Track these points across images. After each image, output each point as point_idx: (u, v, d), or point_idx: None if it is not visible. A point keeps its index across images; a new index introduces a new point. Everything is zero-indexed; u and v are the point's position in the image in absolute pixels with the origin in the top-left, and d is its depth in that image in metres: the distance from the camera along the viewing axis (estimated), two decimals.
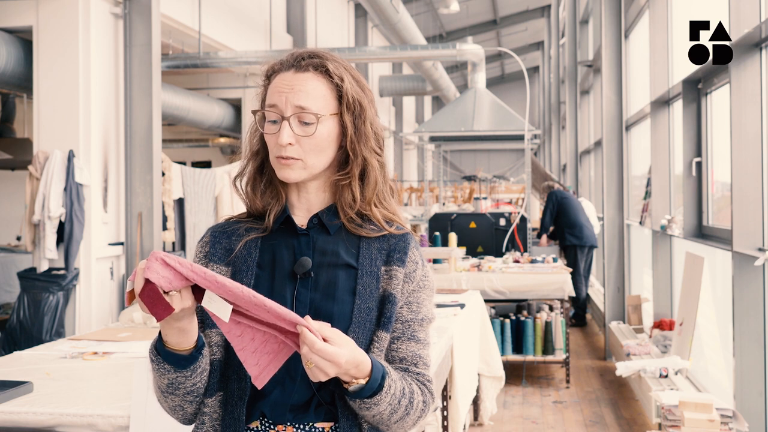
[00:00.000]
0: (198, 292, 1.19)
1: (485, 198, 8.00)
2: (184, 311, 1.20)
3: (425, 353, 1.39)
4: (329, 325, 1.21)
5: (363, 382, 1.24)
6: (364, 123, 1.37)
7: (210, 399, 1.33)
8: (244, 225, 1.41)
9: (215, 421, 1.34)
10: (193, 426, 1.39)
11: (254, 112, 1.37)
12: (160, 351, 1.27)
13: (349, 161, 1.37)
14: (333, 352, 1.17)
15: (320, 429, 1.32)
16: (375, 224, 1.40)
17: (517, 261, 6.37)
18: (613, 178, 6.93)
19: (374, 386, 1.25)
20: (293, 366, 1.30)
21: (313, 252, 1.37)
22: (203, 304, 1.19)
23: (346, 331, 1.30)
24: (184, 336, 1.25)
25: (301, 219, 1.40)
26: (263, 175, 1.40)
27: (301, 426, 1.32)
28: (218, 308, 1.18)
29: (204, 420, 1.34)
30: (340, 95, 1.36)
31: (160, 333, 1.27)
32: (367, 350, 1.32)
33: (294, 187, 1.40)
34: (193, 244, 7.50)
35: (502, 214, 7.37)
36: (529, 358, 5.82)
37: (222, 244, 1.39)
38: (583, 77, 12.04)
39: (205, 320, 1.36)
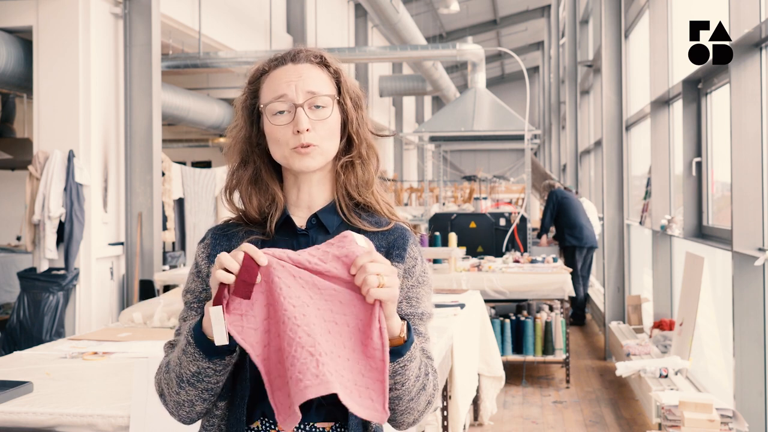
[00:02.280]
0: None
1: (485, 198, 8.00)
2: None
3: (427, 347, 1.39)
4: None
5: (405, 330, 1.26)
6: (363, 110, 1.43)
7: (222, 402, 1.34)
8: (244, 228, 1.41)
9: (221, 421, 1.35)
10: (198, 426, 1.39)
11: (264, 106, 1.36)
12: (195, 336, 1.26)
13: (352, 145, 1.41)
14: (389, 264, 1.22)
15: (321, 429, 1.33)
16: (374, 216, 1.41)
17: (517, 261, 6.37)
18: (613, 178, 6.93)
19: (411, 336, 1.27)
20: None
21: None
22: (211, 308, 1.20)
23: None
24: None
25: (300, 219, 1.40)
26: (257, 182, 1.40)
27: (302, 426, 1.32)
28: (218, 327, 1.19)
29: (213, 422, 1.35)
30: (338, 84, 1.40)
31: (200, 320, 1.26)
32: None
33: (294, 185, 1.40)
34: (193, 244, 7.51)
35: (502, 214, 7.37)
36: (529, 358, 5.81)
37: (223, 246, 1.39)
38: (583, 77, 12.04)
39: None
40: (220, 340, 1.20)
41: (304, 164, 1.34)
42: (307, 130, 1.33)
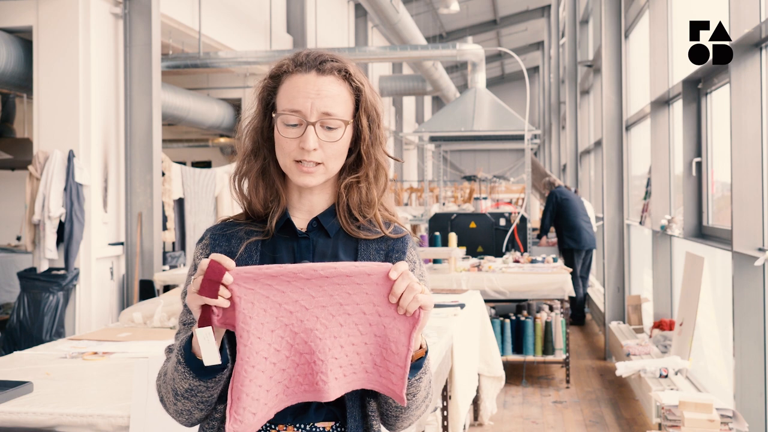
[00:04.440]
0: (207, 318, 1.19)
1: (485, 198, 8.00)
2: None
3: None
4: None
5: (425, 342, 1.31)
6: (379, 127, 1.40)
7: (222, 405, 1.34)
8: (243, 228, 1.39)
9: (221, 423, 1.34)
10: (197, 428, 1.39)
11: (277, 115, 1.34)
12: (186, 356, 1.26)
13: (360, 163, 1.38)
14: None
15: (321, 428, 1.33)
16: (373, 226, 1.40)
17: (517, 261, 6.36)
18: (613, 178, 6.93)
19: (427, 347, 1.32)
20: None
21: (313, 255, 1.37)
22: (198, 330, 1.19)
23: None
24: None
25: (300, 222, 1.40)
26: (265, 176, 1.39)
27: (302, 426, 1.32)
28: (207, 347, 1.19)
29: (213, 425, 1.35)
30: (357, 100, 1.37)
31: (190, 337, 1.26)
32: None
33: (296, 189, 1.39)
34: (193, 244, 7.50)
35: (502, 214, 7.37)
36: (529, 358, 5.81)
37: (222, 247, 1.38)
38: (583, 77, 12.03)
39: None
40: (210, 360, 1.20)
41: (304, 181, 1.34)
42: (314, 149, 1.31)
